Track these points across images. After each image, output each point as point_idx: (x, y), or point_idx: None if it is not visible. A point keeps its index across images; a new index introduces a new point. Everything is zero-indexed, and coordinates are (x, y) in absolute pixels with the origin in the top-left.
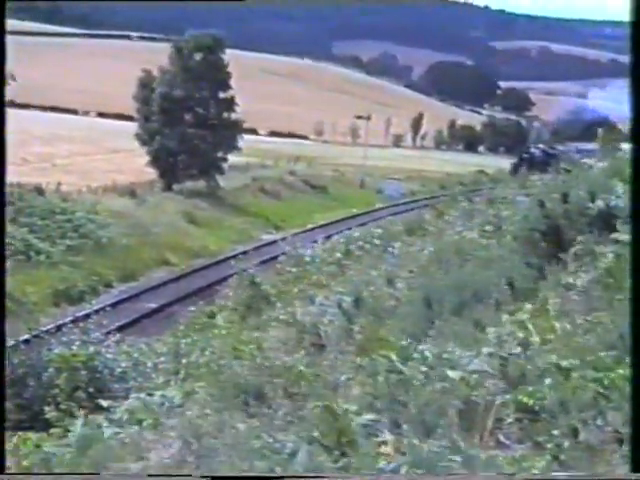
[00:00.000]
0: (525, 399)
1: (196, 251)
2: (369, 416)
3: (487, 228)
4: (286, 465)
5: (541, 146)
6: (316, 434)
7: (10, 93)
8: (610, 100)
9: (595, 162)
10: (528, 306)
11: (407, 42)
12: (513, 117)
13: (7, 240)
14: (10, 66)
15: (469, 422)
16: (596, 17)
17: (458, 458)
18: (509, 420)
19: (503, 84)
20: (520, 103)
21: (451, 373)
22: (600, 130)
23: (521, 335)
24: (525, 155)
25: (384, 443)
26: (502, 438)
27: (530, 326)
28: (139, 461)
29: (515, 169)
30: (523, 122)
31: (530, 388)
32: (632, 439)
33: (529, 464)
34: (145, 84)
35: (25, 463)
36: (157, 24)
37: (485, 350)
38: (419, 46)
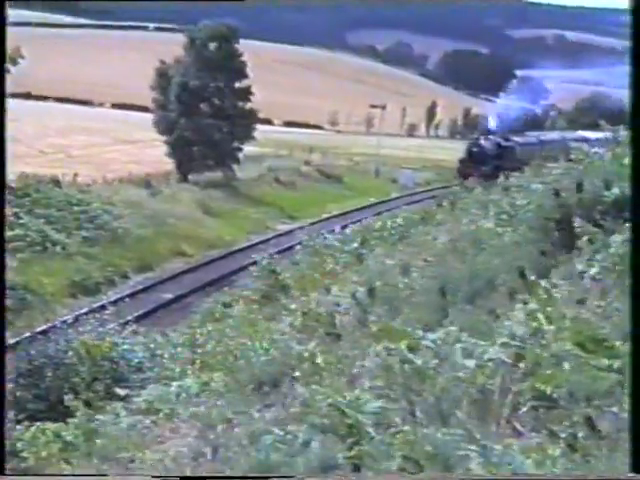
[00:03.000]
0: (542, 386)
1: (211, 242)
2: (384, 405)
3: (502, 217)
4: (300, 455)
5: (492, 137)
6: (330, 424)
7: (26, 85)
8: (626, 87)
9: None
10: (542, 294)
11: (422, 31)
12: (529, 106)
13: (23, 232)
14: (27, 58)
15: (484, 411)
16: (612, 5)
17: (473, 447)
18: (525, 408)
19: (519, 73)
20: (536, 91)
21: (466, 362)
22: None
23: (536, 323)
24: (474, 149)
25: (399, 432)
26: (518, 426)
27: (545, 314)
28: (156, 451)
29: (463, 167)
30: (539, 111)
31: (546, 375)
32: (632, 439)
33: (544, 453)
34: (163, 74)
35: (44, 453)
36: (170, 15)
37: (500, 339)
38: (434, 35)
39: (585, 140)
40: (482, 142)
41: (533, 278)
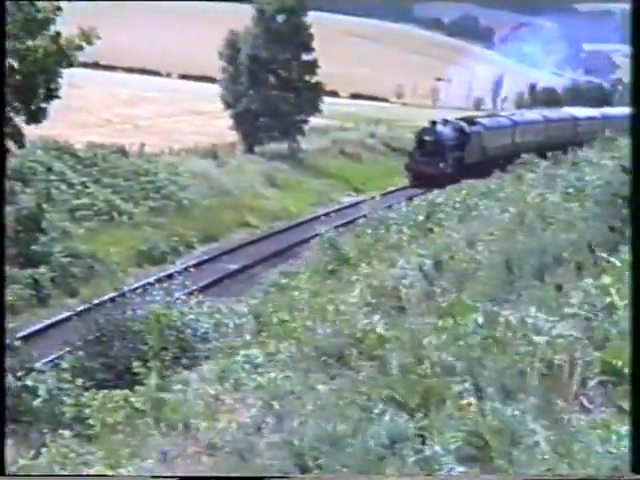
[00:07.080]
0: (612, 361)
1: (276, 213)
2: (451, 379)
3: (569, 191)
4: (368, 427)
5: (452, 120)
6: (397, 396)
7: (94, 55)
8: None
9: None
10: (610, 270)
11: (488, 4)
12: (596, 80)
13: (90, 201)
14: (96, 28)
15: (553, 386)
16: None
17: (541, 422)
18: (593, 383)
19: (586, 47)
20: (603, 66)
21: (535, 337)
22: None
23: (603, 299)
24: (427, 138)
25: (467, 405)
26: (585, 402)
27: (612, 290)
28: (219, 421)
29: (412, 163)
30: (606, 85)
31: (615, 350)
32: (632, 439)
33: (613, 428)
34: (232, 45)
35: (110, 420)
36: None
37: (568, 314)
38: (500, 8)
39: (574, 118)
40: (438, 128)
41: (602, 254)
